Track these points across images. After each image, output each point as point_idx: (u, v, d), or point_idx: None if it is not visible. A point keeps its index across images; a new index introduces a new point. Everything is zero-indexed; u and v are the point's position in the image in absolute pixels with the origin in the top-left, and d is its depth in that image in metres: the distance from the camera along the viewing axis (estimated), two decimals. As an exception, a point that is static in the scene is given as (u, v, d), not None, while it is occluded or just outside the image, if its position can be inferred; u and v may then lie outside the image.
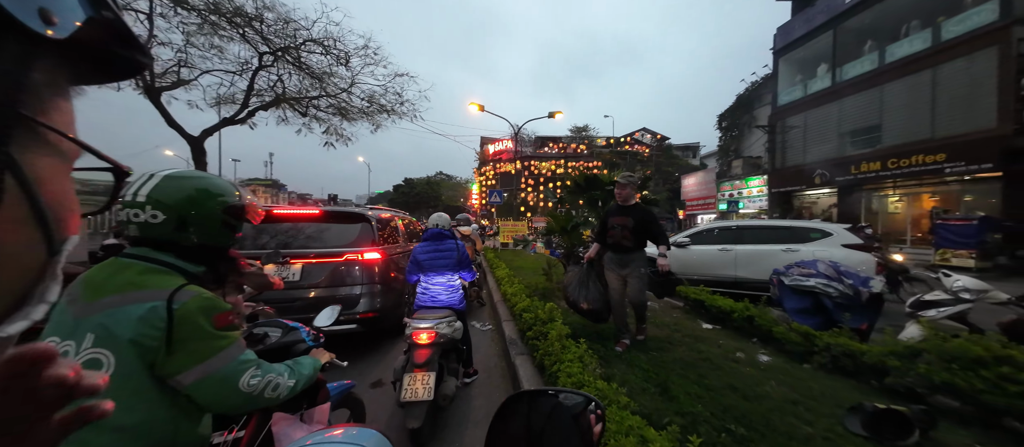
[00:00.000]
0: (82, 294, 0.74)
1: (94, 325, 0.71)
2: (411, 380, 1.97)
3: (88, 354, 0.69)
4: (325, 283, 3.55)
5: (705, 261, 6.35)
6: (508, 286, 4.85)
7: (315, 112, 12.32)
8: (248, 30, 9.74)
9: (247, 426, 1.05)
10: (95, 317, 0.71)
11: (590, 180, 4.73)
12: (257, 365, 0.85)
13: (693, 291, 4.34)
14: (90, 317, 0.71)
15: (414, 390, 1.94)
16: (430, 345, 2.06)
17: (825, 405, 2.29)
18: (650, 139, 34.61)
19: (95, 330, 0.70)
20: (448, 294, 2.57)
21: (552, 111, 14.35)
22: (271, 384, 0.86)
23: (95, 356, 0.69)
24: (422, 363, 2.00)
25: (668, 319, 3.95)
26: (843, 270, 3.48)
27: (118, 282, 0.75)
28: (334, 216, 3.98)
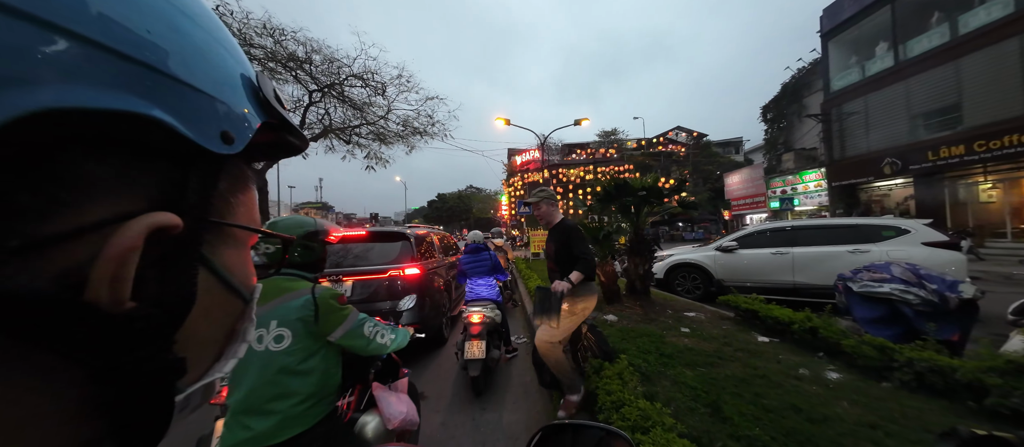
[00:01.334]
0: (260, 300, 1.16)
1: (274, 315, 1.14)
2: (470, 345, 2.85)
3: (276, 332, 1.13)
4: (374, 297, 3.78)
5: (756, 266, 5.89)
6: (544, 299, 4.82)
7: (357, 139, 13.29)
8: (300, 72, 10.80)
9: (354, 394, 1.38)
10: (273, 311, 1.15)
11: (620, 186, 4.62)
12: (370, 320, 1.30)
13: (744, 300, 4.04)
14: (269, 312, 1.14)
15: (472, 351, 2.82)
16: (480, 323, 2.95)
17: (910, 429, 2.02)
18: (685, 138, 33.11)
19: (276, 318, 1.14)
20: (488, 290, 3.47)
21: (578, 118, 14.27)
22: (379, 333, 1.30)
23: (280, 333, 1.13)
24: (476, 334, 2.89)
25: (716, 331, 3.70)
26: (924, 273, 3.08)
27: (277, 288, 1.18)
28: (377, 236, 4.24)
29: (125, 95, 0.18)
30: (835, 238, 5.54)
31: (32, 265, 0.16)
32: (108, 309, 0.18)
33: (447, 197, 48.67)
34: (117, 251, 0.18)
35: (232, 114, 0.24)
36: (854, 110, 14.79)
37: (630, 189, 4.54)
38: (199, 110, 0.22)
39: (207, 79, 0.23)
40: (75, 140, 0.18)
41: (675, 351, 3.04)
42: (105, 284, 0.18)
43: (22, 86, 0.14)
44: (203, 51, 0.23)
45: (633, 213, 5.03)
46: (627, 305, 4.65)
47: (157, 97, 0.19)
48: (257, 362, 1.10)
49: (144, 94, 0.18)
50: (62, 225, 0.17)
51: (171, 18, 0.21)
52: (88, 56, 0.17)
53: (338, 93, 11.68)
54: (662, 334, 3.50)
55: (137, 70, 0.18)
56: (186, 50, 0.22)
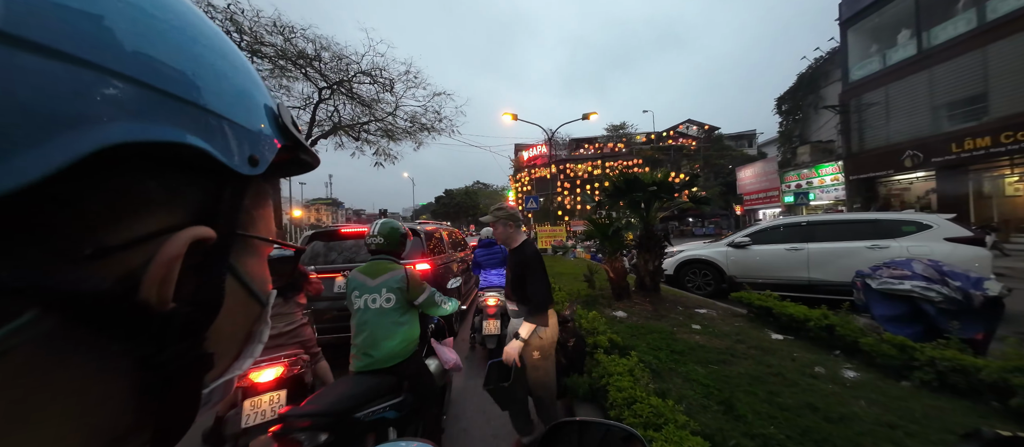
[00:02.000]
0: (369, 275, 1.76)
1: (384, 285, 1.72)
2: (487, 324, 3.38)
3: (386, 296, 1.69)
4: None
5: (770, 263, 5.78)
6: (553, 295, 4.82)
7: (366, 136, 13.39)
8: (309, 69, 10.90)
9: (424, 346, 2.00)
10: (384, 282, 1.72)
11: (630, 181, 4.57)
12: (438, 293, 1.91)
13: (757, 296, 3.97)
14: (380, 283, 1.72)
15: (489, 328, 3.35)
16: (495, 306, 3.43)
17: (931, 430, 1.97)
18: (697, 131, 32.50)
19: (385, 287, 1.71)
20: (499, 279, 3.91)
21: (586, 112, 14.08)
22: (442, 302, 1.92)
23: (388, 296, 1.70)
24: (492, 315, 3.41)
25: (728, 328, 3.65)
26: (947, 270, 2.98)
27: (383, 268, 1.77)
28: (388, 232, 4.29)
29: (176, 128, 0.21)
30: (853, 233, 5.40)
31: (101, 269, 0.20)
32: (155, 307, 0.21)
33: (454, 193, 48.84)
34: (166, 258, 0.22)
35: (258, 140, 0.28)
36: (874, 101, 14.31)
37: (640, 184, 4.48)
38: (232, 138, 0.25)
39: (240, 112, 0.26)
40: (136, 163, 0.21)
41: (686, 348, 3.02)
42: (155, 286, 0.21)
43: (98, 124, 0.18)
44: (238, 89, 0.27)
45: (643, 209, 4.97)
46: (637, 302, 4.62)
47: (199, 129, 0.23)
48: (374, 315, 1.69)
49: (190, 127, 0.22)
50: (125, 235, 0.21)
51: (214, 64, 0.25)
52: (150, 98, 0.20)
53: (347, 90, 11.77)
54: (673, 331, 3.47)
55: (185, 107, 0.22)
56: (224, 89, 0.26)
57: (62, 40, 0.17)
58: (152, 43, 0.21)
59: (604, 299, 4.80)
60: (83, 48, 0.18)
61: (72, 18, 0.18)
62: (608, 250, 4.77)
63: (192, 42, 0.24)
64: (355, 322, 1.72)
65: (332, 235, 4.23)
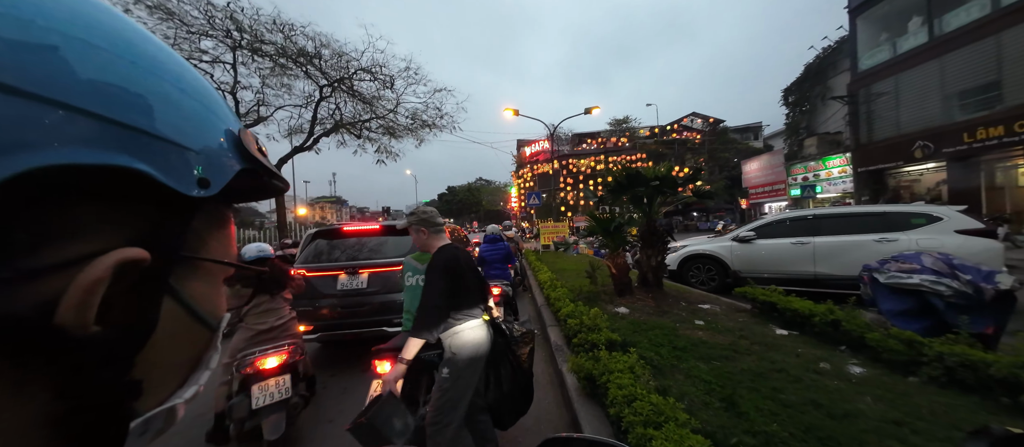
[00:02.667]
0: (418, 262, 2.15)
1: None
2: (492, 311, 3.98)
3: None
4: (387, 289, 3.84)
5: (775, 257, 5.72)
6: (551, 290, 4.80)
7: (368, 134, 13.41)
8: (310, 67, 10.90)
9: None
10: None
11: (632, 176, 4.51)
12: None
13: (762, 292, 3.92)
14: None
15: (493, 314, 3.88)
16: (499, 295, 3.75)
17: (938, 427, 1.93)
18: (701, 124, 32.13)
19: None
20: (502, 272, 4.40)
21: (588, 107, 13.96)
22: None
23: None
24: (496, 303, 3.66)
25: (731, 324, 3.61)
26: (958, 263, 2.91)
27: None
28: (391, 230, 4.28)
29: (114, 153, 0.21)
30: (860, 226, 5.31)
31: (17, 293, 0.19)
32: (73, 332, 0.20)
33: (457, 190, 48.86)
34: (86, 282, 0.21)
35: (210, 163, 0.27)
36: (883, 90, 14.02)
37: (642, 179, 4.43)
38: (179, 161, 0.25)
39: (188, 136, 0.26)
40: (66, 188, 0.20)
41: (689, 344, 2.99)
42: (72, 310, 0.20)
43: (22, 150, 0.17)
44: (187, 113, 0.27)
45: (645, 203, 4.92)
46: (639, 297, 4.59)
47: (142, 153, 0.22)
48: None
49: (131, 151, 0.22)
50: (48, 259, 0.20)
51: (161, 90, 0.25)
52: (81, 123, 0.20)
53: (348, 87, 11.76)
54: (675, 326, 3.44)
55: (126, 132, 0.22)
56: (172, 113, 0.26)
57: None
58: (90, 71, 0.21)
59: (606, 295, 4.77)
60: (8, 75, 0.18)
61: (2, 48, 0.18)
62: (610, 246, 4.74)
63: (136, 69, 0.24)
64: (407, 294, 2.23)
65: (335, 233, 4.24)
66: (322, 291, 3.83)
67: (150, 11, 8.62)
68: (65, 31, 0.21)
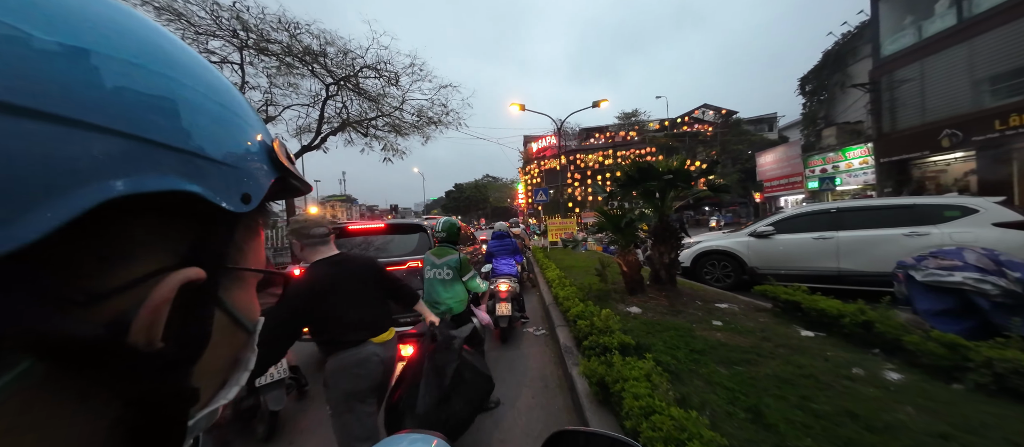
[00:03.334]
0: (436, 257, 2.63)
1: (446, 263, 2.58)
2: (500, 306, 3.85)
3: (446, 271, 2.56)
4: None
5: (796, 252, 5.45)
6: (559, 288, 4.65)
7: (375, 132, 13.39)
8: (316, 65, 10.88)
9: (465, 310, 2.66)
10: (444, 261, 2.58)
11: (644, 170, 4.31)
12: (478, 275, 2.68)
13: (784, 290, 3.70)
14: (443, 262, 2.58)
15: (502, 310, 3.82)
16: (507, 291, 3.92)
17: (990, 441, 1.74)
18: (713, 116, 31.38)
19: (446, 265, 2.57)
20: (509, 268, 4.45)
21: (596, 100, 13.67)
22: (480, 283, 2.68)
23: (447, 271, 2.56)
24: (504, 298, 3.88)
25: (751, 324, 3.41)
26: (1005, 260, 2.67)
27: (445, 252, 2.63)
28: (396, 228, 4.19)
29: (169, 176, 0.22)
30: (888, 220, 5.02)
31: (92, 315, 0.20)
32: (143, 349, 0.22)
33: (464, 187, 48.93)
34: (155, 304, 0.22)
35: (251, 178, 0.28)
36: (908, 77, 13.39)
37: (655, 173, 4.23)
38: (226, 180, 0.26)
39: (234, 154, 0.27)
40: (127, 210, 0.21)
41: (707, 346, 2.81)
42: (144, 330, 0.21)
43: (93, 182, 0.18)
44: (234, 132, 0.28)
45: (657, 198, 4.72)
46: (651, 296, 4.41)
47: (194, 175, 0.23)
48: (438, 283, 2.51)
49: (183, 173, 0.23)
50: (115, 281, 0.21)
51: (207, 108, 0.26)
52: (142, 150, 0.21)
53: (354, 85, 11.72)
54: (691, 327, 3.27)
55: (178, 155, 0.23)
56: (217, 132, 0.26)
57: (49, 102, 0.17)
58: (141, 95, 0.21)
59: (617, 294, 4.60)
60: (72, 107, 0.18)
61: (59, 78, 0.18)
62: (621, 243, 4.56)
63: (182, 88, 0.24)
64: (425, 286, 2.61)
65: (340, 233, 4.16)
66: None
67: (158, 12, 8.67)
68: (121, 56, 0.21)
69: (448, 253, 2.61)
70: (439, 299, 2.54)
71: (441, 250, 2.63)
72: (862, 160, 15.21)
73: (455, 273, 2.56)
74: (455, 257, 2.59)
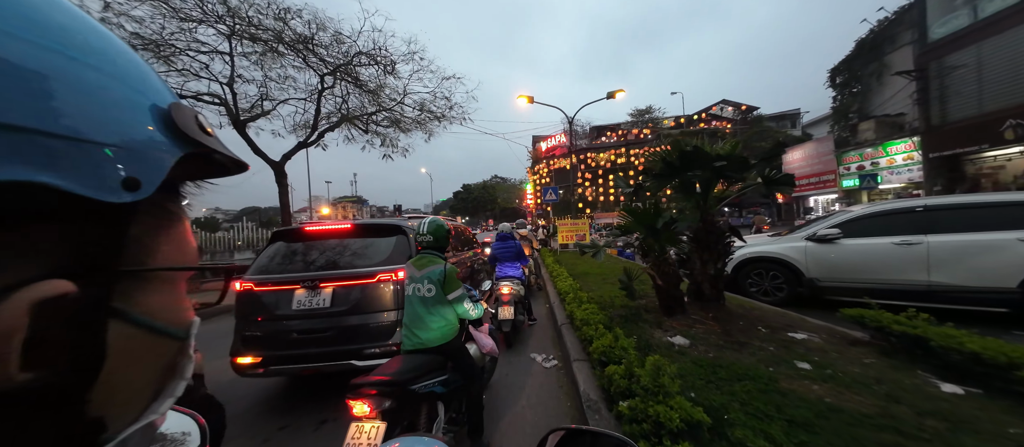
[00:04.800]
0: (416, 267, 2.01)
1: (426, 276, 1.96)
2: (502, 310, 3.70)
3: (427, 287, 1.95)
4: (359, 309, 2.87)
5: (871, 261, 4.38)
6: (575, 305, 3.70)
7: (375, 128, 12.66)
8: (308, 54, 10.17)
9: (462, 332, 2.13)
10: (425, 273, 1.97)
11: (688, 156, 3.33)
12: (469, 299, 2.06)
13: (894, 319, 2.67)
14: (423, 274, 1.97)
15: (504, 314, 3.68)
16: (509, 294, 3.77)
17: None
18: (732, 112, 29.92)
19: (427, 278, 1.96)
20: (514, 270, 4.36)
21: (611, 91, 12.67)
22: (471, 307, 2.04)
23: (429, 287, 1.94)
24: (507, 302, 3.74)
25: (854, 368, 2.39)
26: None
27: (427, 261, 2.01)
28: (366, 230, 3.30)
29: (2, 166, 0.17)
30: (996, 221, 3.92)
31: None
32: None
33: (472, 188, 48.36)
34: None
35: (139, 158, 0.23)
36: (961, 62, 12.01)
37: (702, 159, 3.24)
38: (92, 162, 0.20)
39: (100, 127, 0.21)
40: None
41: (812, 414, 1.82)
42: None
43: None
44: (94, 95, 0.21)
45: (699, 193, 3.73)
46: (695, 318, 3.42)
47: (42, 161, 0.18)
48: (418, 302, 1.95)
49: (23, 159, 0.17)
50: None
51: (44, 64, 0.19)
52: None
53: (350, 76, 11.00)
54: (770, 373, 2.28)
55: (17, 137, 0.17)
56: (68, 98, 0.20)
57: None
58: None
59: (649, 314, 3.63)
60: None
61: None
62: (655, 249, 3.58)
63: (18, 42, 0.18)
64: (405, 307, 2.02)
65: (296, 235, 3.31)
66: (273, 311, 2.89)
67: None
68: None
69: (432, 263, 1.99)
70: (421, 325, 1.90)
71: (423, 259, 2.02)
72: (906, 156, 13.80)
73: (438, 289, 1.93)
74: (439, 269, 1.96)
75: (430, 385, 1.68)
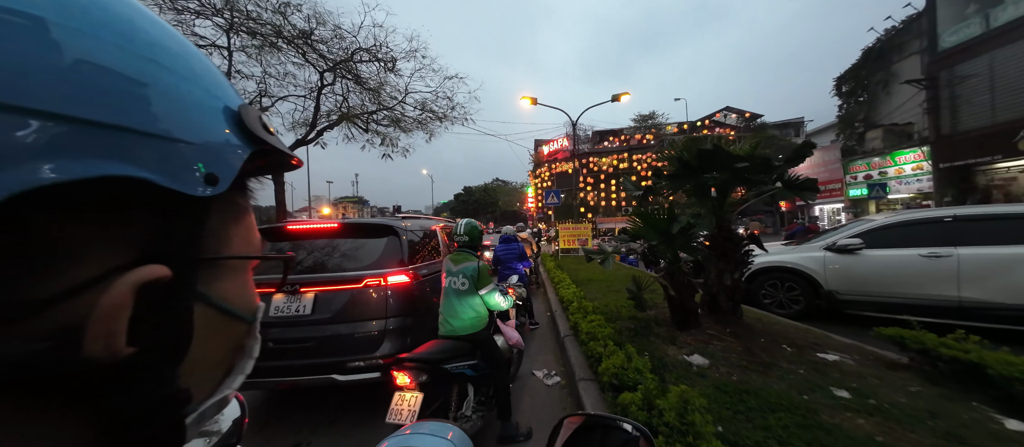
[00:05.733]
0: (453, 263, 2.21)
1: (462, 271, 2.15)
2: None
3: (462, 280, 2.14)
4: (344, 317, 2.60)
5: (896, 274, 4.10)
6: (580, 316, 3.42)
7: (375, 127, 12.43)
8: (308, 50, 9.96)
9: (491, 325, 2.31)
10: (461, 268, 2.16)
11: (708, 155, 3.06)
12: (499, 291, 2.22)
13: (932, 338, 2.40)
14: (459, 269, 2.16)
15: None
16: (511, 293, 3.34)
17: None
18: (735, 119, 29.73)
19: (462, 273, 2.15)
20: (518, 272, 4.35)
21: (616, 93, 12.47)
22: (501, 298, 2.21)
23: (463, 281, 2.14)
24: None
25: (903, 399, 2.11)
26: None
27: (464, 258, 2.20)
28: (355, 230, 3.04)
29: (101, 161, 0.18)
30: (1031, 233, 3.66)
31: (26, 329, 0.17)
32: (106, 359, 0.19)
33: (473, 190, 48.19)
34: (106, 311, 0.19)
35: (216, 155, 0.24)
36: (972, 72, 11.79)
37: (724, 159, 2.97)
38: (180, 160, 0.22)
39: (187, 127, 0.23)
40: (56, 206, 0.18)
41: (863, 457, 1.54)
42: (99, 340, 0.19)
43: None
44: (181, 99, 0.23)
45: (714, 197, 3.47)
46: (711, 331, 3.14)
47: (135, 156, 0.20)
48: (454, 294, 2.13)
49: (121, 156, 0.19)
50: (50, 289, 0.18)
51: (143, 73, 0.21)
52: (68, 133, 0.17)
53: (351, 73, 10.79)
54: (806, 402, 1.99)
55: (111, 135, 0.19)
56: (162, 102, 0.22)
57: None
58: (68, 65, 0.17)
59: (661, 327, 3.35)
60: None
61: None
62: (668, 256, 3.31)
63: (124, 54, 0.20)
64: (442, 296, 2.19)
65: (278, 234, 3.04)
66: (249, 318, 2.61)
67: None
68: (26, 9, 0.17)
69: (467, 259, 2.21)
70: (455, 314, 2.14)
71: (460, 255, 2.26)
72: (916, 166, 13.55)
73: (471, 284, 2.14)
74: (473, 265, 2.18)
75: (461, 367, 1.86)
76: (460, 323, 2.08)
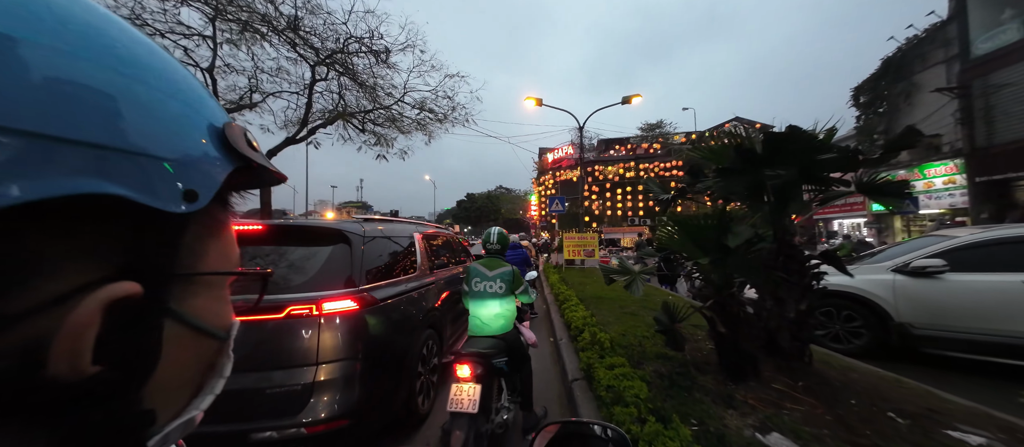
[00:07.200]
0: (487, 268, 2.26)
1: (498, 275, 2.21)
2: None
3: (498, 284, 2.20)
4: (249, 364, 1.79)
5: (991, 305, 3.24)
6: (594, 355, 2.59)
7: (372, 128, 11.79)
8: (298, 40, 9.35)
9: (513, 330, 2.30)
10: (496, 273, 2.22)
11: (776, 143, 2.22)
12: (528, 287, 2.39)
13: None
14: (495, 275, 2.22)
15: None
16: None
17: None
18: (746, 130, 28.98)
19: (499, 278, 2.21)
20: None
21: (627, 95, 11.77)
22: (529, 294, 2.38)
23: (500, 284, 2.19)
24: None
25: None
26: None
27: (497, 264, 2.28)
28: (290, 235, 2.24)
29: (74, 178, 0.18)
30: None
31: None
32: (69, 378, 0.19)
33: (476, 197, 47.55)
34: (73, 329, 0.19)
35: (195, 171, 0.24)
36: (1010, 80, 11.02)
37: (803, 145, 2.15)
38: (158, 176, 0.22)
39: (166, 144, 0.23)
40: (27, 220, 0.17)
41: None
42: (64, 359, 0.19)
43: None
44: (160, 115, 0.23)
45: (773, 202, 2.64)
46: (779, 387, 2.28)
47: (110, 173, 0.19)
48: (489, 296, 2.18)
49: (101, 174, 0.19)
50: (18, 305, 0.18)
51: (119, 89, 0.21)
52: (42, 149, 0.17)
53: (343, 66, 10.16)
54: None
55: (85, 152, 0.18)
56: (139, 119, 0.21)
57: None
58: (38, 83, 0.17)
59: (704, 376, 2.50)
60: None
61: None
62: (713, 277, 2.47)
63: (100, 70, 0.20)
64: (471, 300, 2.24)
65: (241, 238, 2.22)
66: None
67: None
68: None
69: (501, 265, 2.28)
70: (490, 316, 2.16)
71: (493, 261, 2.31)
72: (947, 179, 12.66)
73: (508, 287, 2.21)
74: (509, 270, 2.25)
75: (500, 362, 1.98)
76: (496, 323, 2.16)
